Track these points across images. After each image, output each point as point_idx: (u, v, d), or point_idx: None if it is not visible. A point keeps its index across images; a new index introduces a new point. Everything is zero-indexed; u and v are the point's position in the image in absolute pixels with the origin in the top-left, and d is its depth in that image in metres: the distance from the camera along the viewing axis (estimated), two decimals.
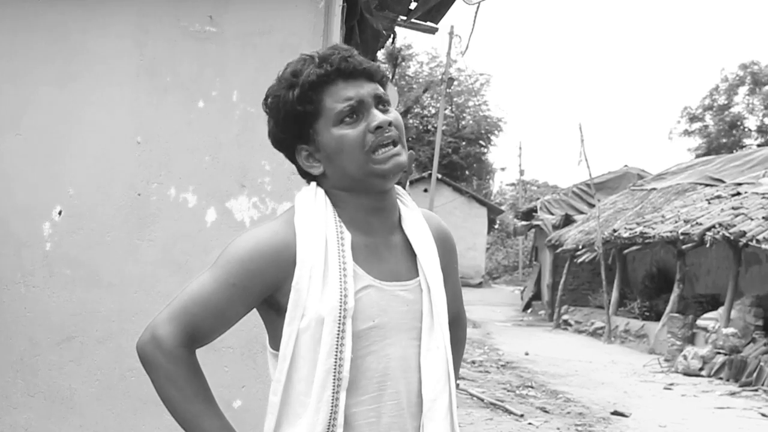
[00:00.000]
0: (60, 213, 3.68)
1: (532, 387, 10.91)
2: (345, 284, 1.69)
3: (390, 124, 1.73)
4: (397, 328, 1.77)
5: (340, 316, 1.67)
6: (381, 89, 1.76)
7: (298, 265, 1.70)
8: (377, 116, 1.72)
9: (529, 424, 8.47)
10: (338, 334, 1.67)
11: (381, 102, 1.75)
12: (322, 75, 1.71)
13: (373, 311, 1.74)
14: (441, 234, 1.97)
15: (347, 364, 1.68)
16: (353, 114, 1.72)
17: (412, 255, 1.84)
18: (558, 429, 8.36)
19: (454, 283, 2.02)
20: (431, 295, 1.81)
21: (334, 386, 1.67)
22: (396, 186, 1.86)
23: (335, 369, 1.67)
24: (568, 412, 9.24)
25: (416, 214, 1.90)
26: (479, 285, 35.35)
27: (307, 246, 1.72)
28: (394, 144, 1.74)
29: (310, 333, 1.69)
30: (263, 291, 1.74)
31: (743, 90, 41.94)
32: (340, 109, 1.71)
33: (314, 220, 1.76)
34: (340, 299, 1.68)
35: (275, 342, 1.79)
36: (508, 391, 10.48)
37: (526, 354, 14.67)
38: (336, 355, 1.67)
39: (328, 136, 1.74)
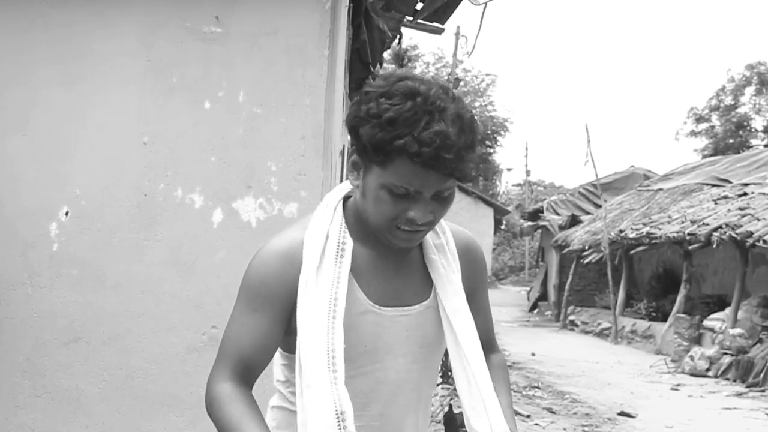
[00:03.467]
0: (67, 214, 3.68)
1: (538, 387, 10.90)
2: (335, 307, 1.67)
3: (428, 222, 1.67)
4: (393, 353, 1.76)
5: (329, 331, 1.65)
6: (450, 185, 1.65)
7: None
8: (420, 212, 1.64)
9: (536, 424, 8.46)
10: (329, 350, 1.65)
11: (438, 197, 1.66)
12: (407, 153, 1.56)
13: (366, 337, 1.73)
14: (468, 252, 1.93)
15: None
16: (404, 194, 1.63)
17: (427, 272, 1.82)
18: (564, 430, 8.35)
19: (482, 306, 1.99)
20: (449, 317, 1.79)
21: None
22: None
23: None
24: (575, 413, 9.23)
25: (439, 234, 1.87)
26: None
27: (304, 251, 1.72)
28: (419, 232, 1.70)
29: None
30: (290, 301, 1.72)
31: (750, 90, 41.86)
32: (396, 186, 1.62)
33: (319, 225, 1.75)
34: (328, 317, 1.66)
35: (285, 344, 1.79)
36: (515, 391, 10.47)
37: (533, 354, 14.66)
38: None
39: (372, 184, 1.66)
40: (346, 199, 1.83)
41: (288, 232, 1.80)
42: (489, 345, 2.01)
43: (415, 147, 1.54)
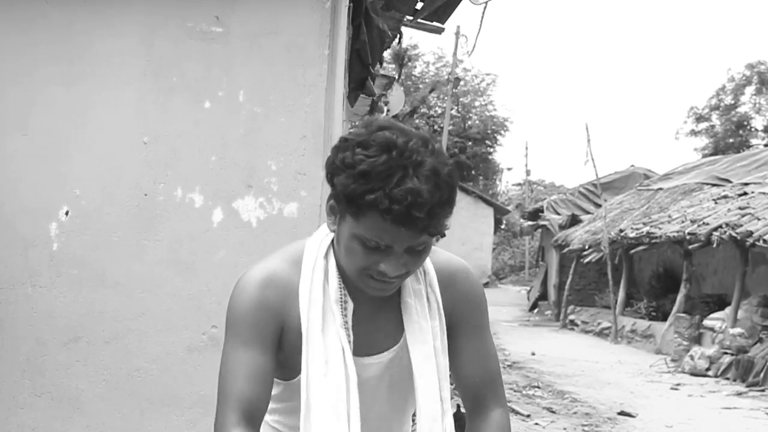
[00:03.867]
0: (67, 213, 3.68)
1: (538, 387, 10.90)
2: (346, 359, 1.69)
3: (401, 275, 1.64)
4: (362, 394, 1.73)
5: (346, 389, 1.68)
6: (424, 240, 1.61)
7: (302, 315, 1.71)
8: (391, 266, 1.61)
9: (536, 424, 8.46)
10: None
11: (412, 250, 1.62)
12: (378, 209, 1.53)
13: None
14: (453, 283, 1.87)
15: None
16: (375, 246, 1.60)
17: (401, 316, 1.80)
18: (564, 429, 8.35)
19: (476, 348, 1.88)
20: (414, 366, 1.76)
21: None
22: None
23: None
24: (575, 413, 9.23)
25: (418, 278, 1.81)
26: (485, 285, 35.28)
27: (307, 302, 1.72)
28: (392, 283, 1.67)
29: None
30: (277, 327, 1.73)
31: (750, 90, 41.85)
32: (367, 239, 1.59)
33: (318, 277, 1.74)
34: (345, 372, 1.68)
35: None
36: (515, 391, 10.47)
37: (533, 354, 14.67)
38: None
39: (345, 233, 1.64)
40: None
41: (265, 262, 1.79)
42: (488, 397, 1.87)
43: (385, 203, 1.51)
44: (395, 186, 1.51)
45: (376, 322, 1.78)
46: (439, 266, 1.86)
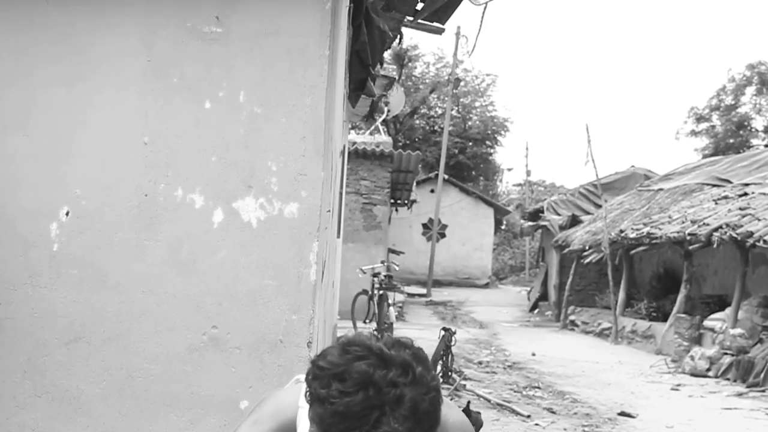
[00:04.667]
0: (67, 214, 3.68)
1: (539, 388, 10.90)
2: None
3: None
4: None
5: None
6: None
7: None
8: None
9: (536, 424, 8.46)
10: None
11: None
12: None
13: None
14: None
15: None
16: None
17: None
18: (565, 430, 8.35)
19: None
20: None
21: None
22: None
23: None
24: (575, 413, 9.23)
25: None
26: (486, 285, 35.34)
27: None
28: None
29: None
30: None
31: (750, 90, 41.85)
32: None
33: None
34: None
35: None
36: (515, 391, 10.47)
37: (533, 354, 14.66)
38: None
39: None
40: None
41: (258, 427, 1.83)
42: None
43: None
44: (372, 428, 1.46)
45: None
46: None
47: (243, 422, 1.83)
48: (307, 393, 1.55)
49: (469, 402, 6.35)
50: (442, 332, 10.46)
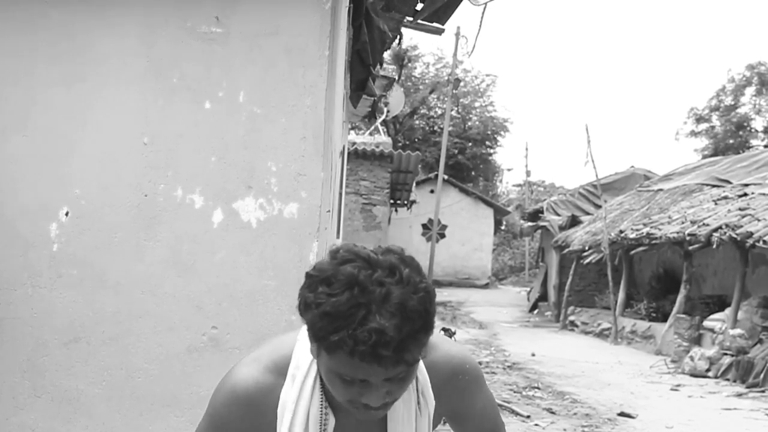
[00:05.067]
0: (67, 214, 3.68)
1: (538, 388, 10.90)
2: None
3: (386, 404, 1.62)
4: None
5: None
6: (401, 369, 1.56)
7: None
8: (373, 397, 1.58)
9: (536, 425, 8.46)
10: None
11: (391, 380, 1.58)
12: (344, 349, 1.50)
13: None
14: (452, 382, 1.86)
15: None
16: (351, 380, 1.57)
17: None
18: (565, 430, 8.35)
19: (474, 421, 1.94)
20: None
21: None
22: None
23: None
24: (575, 413, 9.23)
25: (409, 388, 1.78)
26: (486, 286, 35.34)
27: (287, 420, 1.75)
28: (380, 410, 1.65)
29: None
30: None
31: (750, 91, 41.88)
32: (343, 374, 1.57)
33: (303, 394, 1.76)
34: None
35: None
36: (515, 392, 10.47)
37: (533, 355, 14.66)
38: None
39: (323, 366, 1.62)
40: None
41: (251, 368, 1.81)
42: None
43: (350, 344, 1.47)
44: (359, 325, 1.46)
45: (362, 428, 1.80)
46: (433, 369, 1.84)
47: (243, 359, 1.83)
48: (300, 303, 1.57)
49: None
50: (442, 332, 10.46)
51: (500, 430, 2.00)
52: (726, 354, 12.85)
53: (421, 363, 1.75)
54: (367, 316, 1.47)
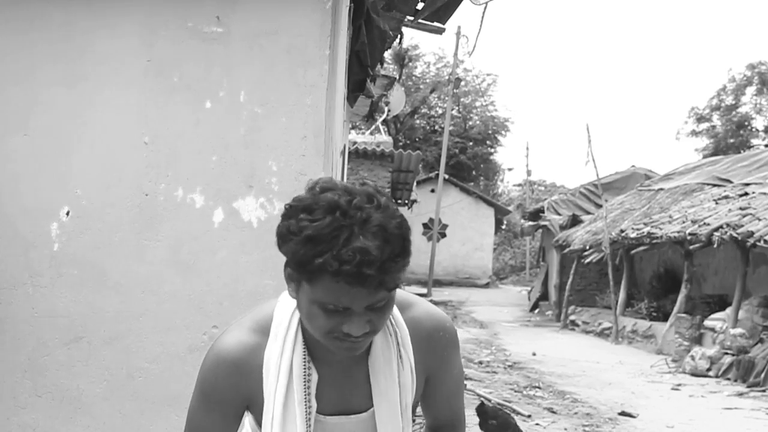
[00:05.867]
0: (67, 213, 3.68)
1: (539, 387, 10.89)
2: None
3: (367, 333, 1.64)
4: None
5: None
6: (383, 296, 1.60)
7: (264, 387, 1.77)
8: (354, 326, 1.60)
9: (537, 424, 8.46)
10: None
11: (372, 308, 1.61)
12: (328, 271, 1.52)
13: None
14: (430, 341, 1.89)
15: None
16: (334, 309, 1.59)
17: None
18: (565, 429, 8.34)
19: (447, 389, 1.98)
20: (378, 427, 1.82)
21: None
22: None
23: None
24: (576, 413, 9.22)
25: (387, 337, 1.83)
26: (486, 285, 35.35)
27: (272, 376, 1.77)
28: (359, 342, 1.67)
29: None
30: (241, 402, 1.81)
31: (751, 90, 41.86)
32: (325, 302, 1.58)
33: (285, 348, 1.77)
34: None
35: None
36: (516, 391, 10.47)
37: (534, 354, 14.65)
38: None
39: (303, 300, 1.63)
40: None
41: (234, 333, 1.82)
42: (450, 424, 2.03)
43: (335, 265, 1.49)
44: (342, 246, 1.50)
45: (350, 383, 1.82)
46: (414, 324, 1.86)
47: (228, 328, 1.85)
48: (279, 235, 1.62)
49: (482, 402, 6.38)
50: None
51: (461, 420, 2.05)
52: (727, 353, 12.85)
53: (400, 317, 1.83)
54: (350, 237, 1.51)
